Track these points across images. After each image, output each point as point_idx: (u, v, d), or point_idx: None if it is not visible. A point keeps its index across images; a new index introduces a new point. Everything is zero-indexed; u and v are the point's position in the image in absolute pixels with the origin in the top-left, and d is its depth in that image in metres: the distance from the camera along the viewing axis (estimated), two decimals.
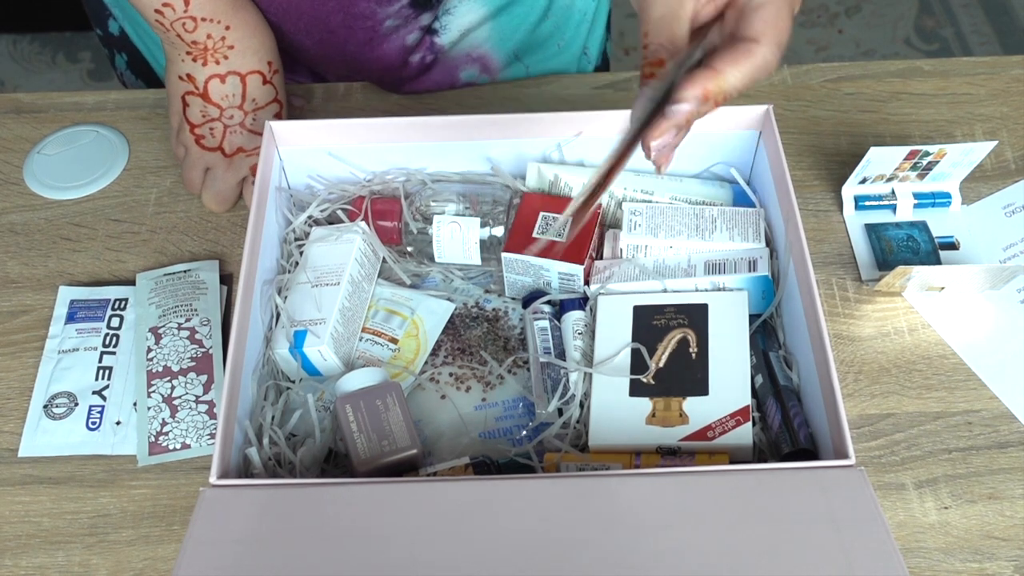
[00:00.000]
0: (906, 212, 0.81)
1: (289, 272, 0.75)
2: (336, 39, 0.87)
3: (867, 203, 0.82)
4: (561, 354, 0.71)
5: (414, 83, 0.92)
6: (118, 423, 0.73)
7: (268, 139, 0.75)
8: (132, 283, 0.80)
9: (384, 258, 0.78)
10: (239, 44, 0.79)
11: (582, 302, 0.74)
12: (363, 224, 0.76)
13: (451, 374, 0.73)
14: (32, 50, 2.22)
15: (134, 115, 0.91)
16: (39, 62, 2.20)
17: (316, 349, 0.69)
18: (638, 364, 0.69)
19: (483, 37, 0.90)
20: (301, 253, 0.77)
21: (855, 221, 0.82)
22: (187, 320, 0.76)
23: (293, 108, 0.90)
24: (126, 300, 0.79)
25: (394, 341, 0.73)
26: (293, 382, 0.71)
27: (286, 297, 0.73)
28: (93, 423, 0.72)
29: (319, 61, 0.91)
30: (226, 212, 0.84)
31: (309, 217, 0.78)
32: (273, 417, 0.68)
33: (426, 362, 0.73)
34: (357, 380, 0.68)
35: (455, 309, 0.76)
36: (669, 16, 0.55)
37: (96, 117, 0.91)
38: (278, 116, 0.82)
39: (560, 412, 0.69)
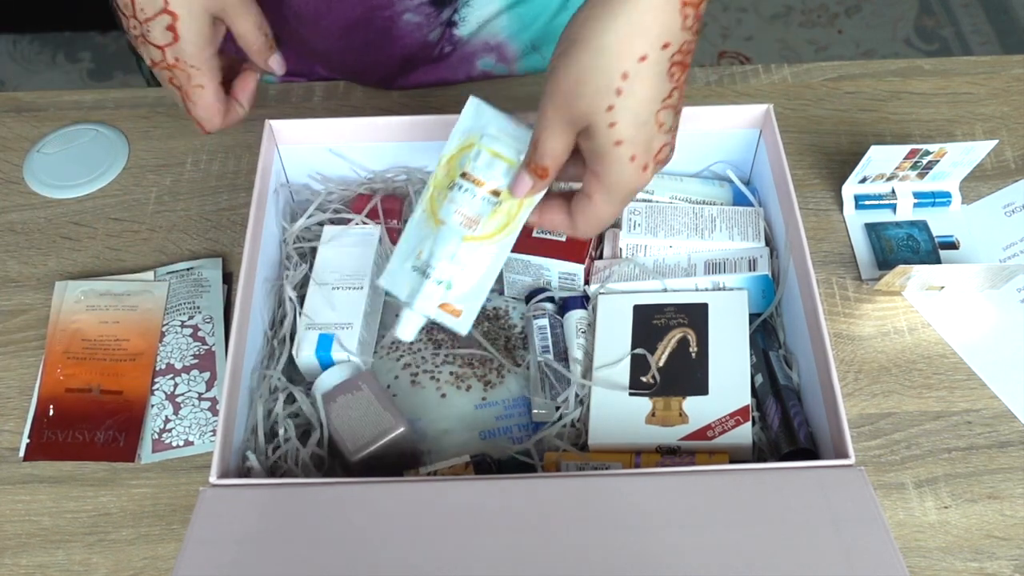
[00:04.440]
0: (906, 211, 0.81)
1: (290, 270, 0.75)
2: (356, 31, 0.87)
3: (867, 202, 0.82)
4: (562, 352, 0.71)
5: (430, 71, 0.92)
6: None
7: (268, 137, 0.75)
8: None
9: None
10: None
11: (584, 300, 0.74)
12: (380, 227, 0.76)
13: (451, 373, 0.73)
14: (32, 50, 2.22)
15: (134, 114, 0.91)
16: (39, 62, 2.20)
17: (345, 355, 0.69)
18: (638, 363, 0.69)
19: (500, 26, 0.90)
20: (300, 252, 0.77)
21: (855, 220, 0.82)
22: (190, 318, 0.76)
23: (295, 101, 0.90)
24: None
25: (496, 194, 0.60)
26: (293, 381, 0.71)
27: (303, 297, 0.72)
28: None
29: (336, 53, 0.91)
30: (216, 132, 0.75)
31: (309, 216, 0.78)
32: (273, 416, 0.68)
33: (426, 360, 0.73)
34: (332, 378, 0.68)
35: None
36: (556, 137, 0.57)
37: (96, 116, 0.91)
38: (172, 28, 0.68)
39: (559, 411, 0.69)
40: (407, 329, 0.62)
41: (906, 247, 0.80)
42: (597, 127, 0.54)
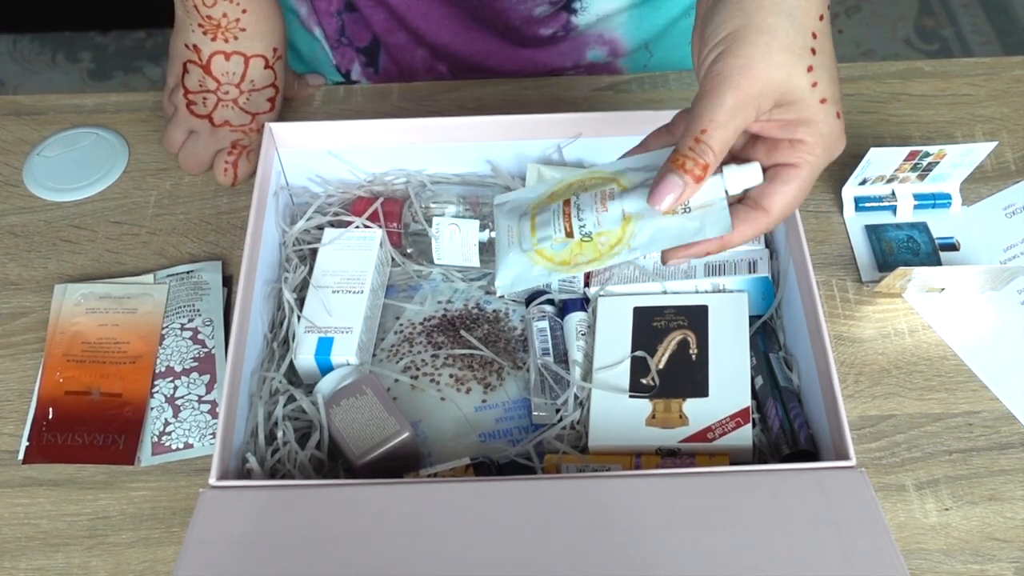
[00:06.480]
0: (906, 213, 0.81)
1: (290, 273, 0.75)
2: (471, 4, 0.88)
3: (867, 204, 0.82)
4: (562, 354, 0.71)
5: (540, 54, 0.93)
6: None
7: (268, 140, 0.75)
8: None
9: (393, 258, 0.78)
10: (251, 28, 0.82)
11: (584, 302, 0.74)
12: (380, 230, 0.76)
13: (451, 375, 0.72)
14: (32, 50, 2.22)
15: (134, 117, 0.91)
16: (39, 62, 2.20)
17: (344, 359, 0.69)
18: (638, 365, 0.69)
19: (618, 22, 0.90)
20: (299, 255, 0.77)
21: (855, 222, 0.82)
22: (190, 320, 0.76)
23: (294, 100, 0.92)
24: None
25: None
26: (293, 384, 0.71)
27: (302, 300, 0.72)
28: None
29: (446, 22, 0.91)
30: (195, 175, 0.87)
31: (309, 218, 0.78)
32: (273, 417, 0.68)
33: (426, 363, 0.73)
34: (333, 381, 0.68)
35: (455, 311, 0.76)
36: (735, 125, 0.55)
37: (96, 119, 0.91)
38: (272, 100, 0.86)
39: (559, 413, 0.69)
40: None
41: (906, 249, 0.80)
42: (800, 90, 0.54)
